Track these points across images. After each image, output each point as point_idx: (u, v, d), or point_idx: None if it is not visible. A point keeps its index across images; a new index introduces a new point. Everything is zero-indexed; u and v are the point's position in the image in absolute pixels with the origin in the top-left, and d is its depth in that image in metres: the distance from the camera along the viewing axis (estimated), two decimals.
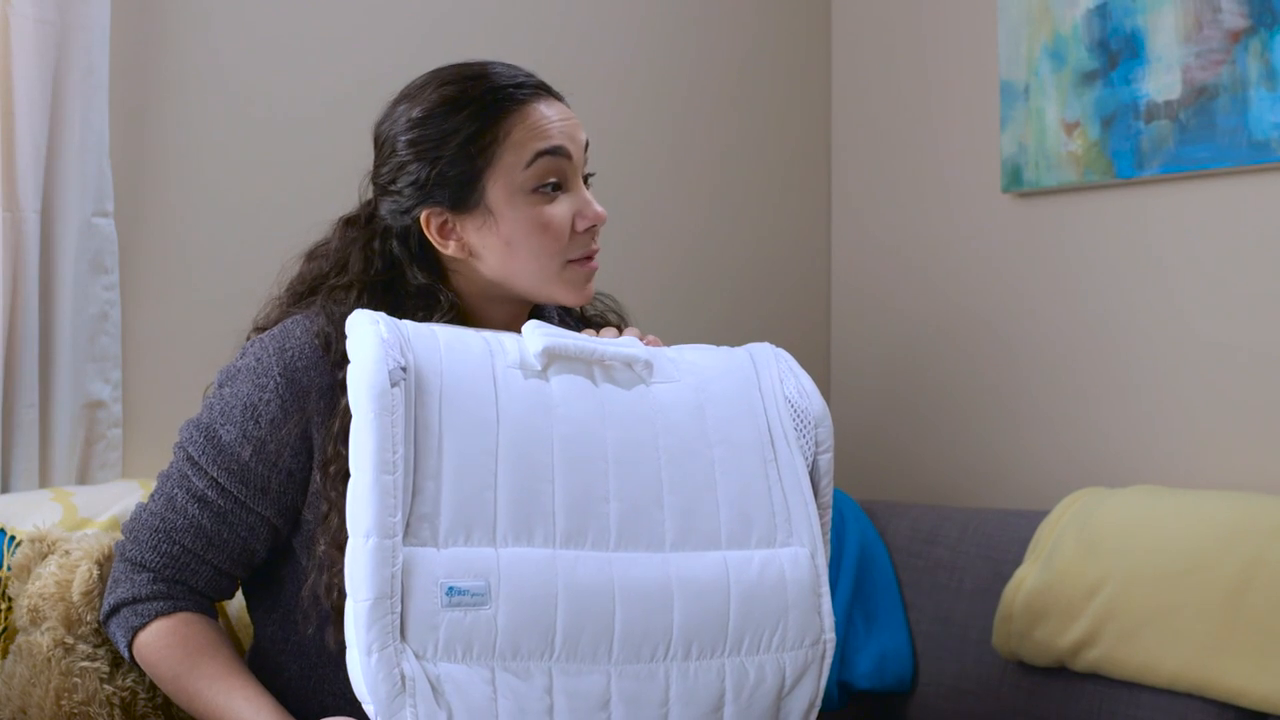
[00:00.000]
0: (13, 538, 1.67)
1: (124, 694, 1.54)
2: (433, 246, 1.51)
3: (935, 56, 2.58)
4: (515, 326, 1.54)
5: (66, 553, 1.58)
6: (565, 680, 1.27)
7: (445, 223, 1.50)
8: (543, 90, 1.54)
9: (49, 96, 1.82)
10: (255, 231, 2.06)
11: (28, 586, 1.58)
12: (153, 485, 1.81)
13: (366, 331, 1.30)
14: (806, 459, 1.45)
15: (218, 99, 2.04)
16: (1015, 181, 2.39)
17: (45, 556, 1.60)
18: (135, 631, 1.46)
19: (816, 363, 2.75)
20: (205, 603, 1.50)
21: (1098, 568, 1.88)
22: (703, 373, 1.46)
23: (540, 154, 1.48)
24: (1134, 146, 2.21)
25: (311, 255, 1.58)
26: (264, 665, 1.51)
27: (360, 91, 2.16)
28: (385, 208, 1.53)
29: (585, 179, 1.55)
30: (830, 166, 2.77)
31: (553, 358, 1.38)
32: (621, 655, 1.29)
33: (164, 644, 1.45)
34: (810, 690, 1.38)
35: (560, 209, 1.50)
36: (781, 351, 1.53)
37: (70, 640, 1.53)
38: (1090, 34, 2.27)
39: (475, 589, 1.25)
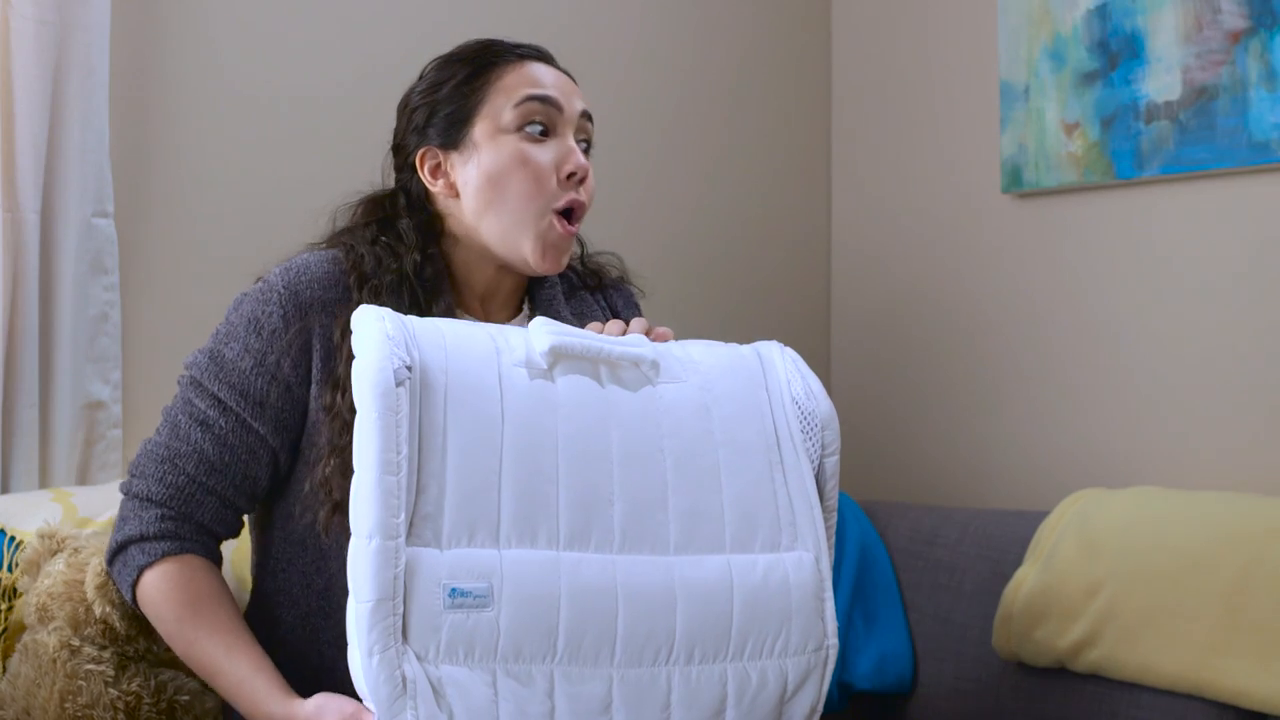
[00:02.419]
0: (12, 538, 1.67)
1: (129, 698, 1.53)
2: (431, 203, 1.57)
3: (935, 57, 2.58)
4: (498, 297, 1.59)
5: (76, 550, 1.58)
6: (567, 683, 1.26)
7: (438, 164, 1.56)
8: (545, 57, 1.60)
9: (49, 97, 1.82)
10: (255, 232, 2.06)
11: (37, 584, 1.58)
12: None
13: (371, 329, 1.29)
14: (812, 462, 1.44)
15: (217, 99, 2.04)
16: (1015, 182, 2.39)
17: (55, 553, 1.60)
18: (141, 571, 1.45)
19: (817, 363, 2.75)
20: (212, 543, 1.50)
21: (1098, 568, 1.88)
22: (709, 372, 1.44)
23: (529, 98, 1.54)
24: (1134, 147, 2.21)
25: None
26: (261, 618, 1.51)
27: (361, 91, 2.16)
28: (395, 164, 1.61)
29: (582, 147, 1.58)
30: (830, 167, 2.77)
31: (559, 356, 1.37)
32: (624, 659, 1.28)
33: (169, 587, 1.44)
34: (812, 696, 1.37)
35: (543, 152, 1.54)
36: (789, 350, 1.51)
37: (76, 642, 1.53)
38: (1090, 35, 2.27)
39: (478, 590, 1.24)
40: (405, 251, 1.53)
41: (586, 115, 1.59)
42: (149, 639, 1.57)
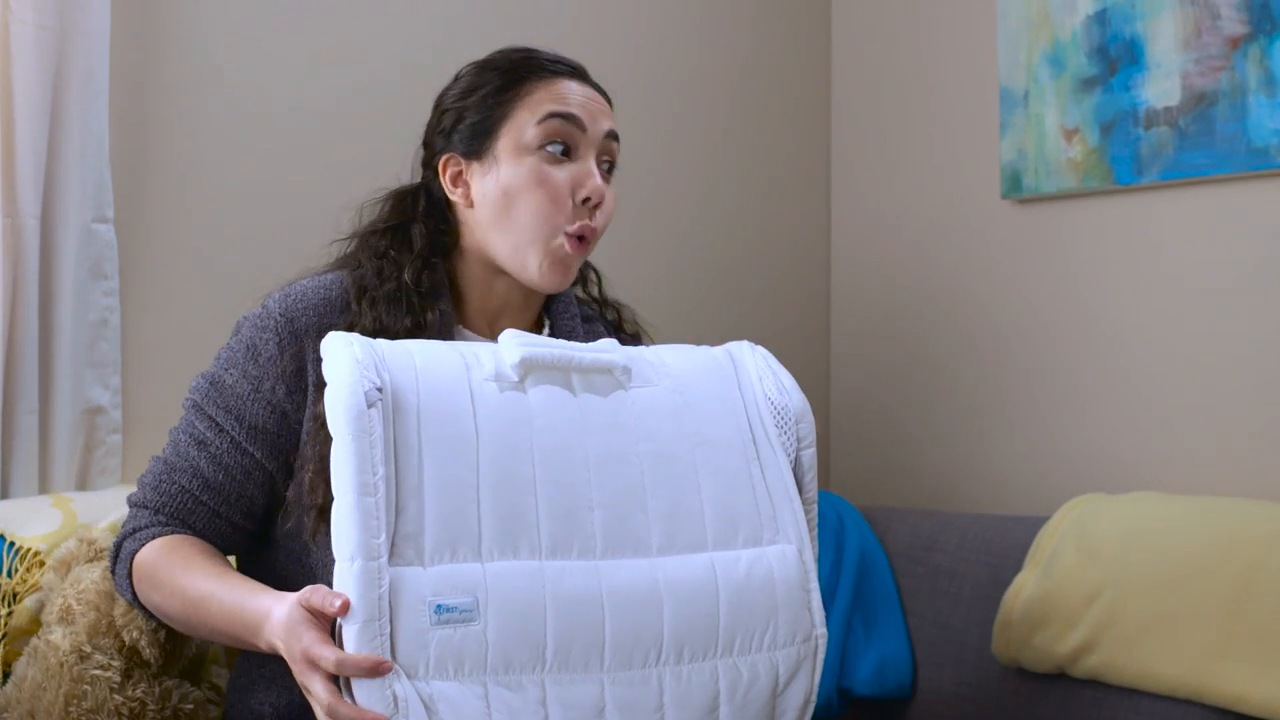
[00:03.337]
0: (12, 544, 1.67)
1: (133, 705, 1.54)
2: (449, 210, 1.59)
3: (935, 63, 2.58)
4: (507, 315, 1.60)
5: None
6: (559, 691, 1.26)
7: (459, 172, 1.57)
8: (578, 74, 1.60)
9: (49, 102, 1.82)
10: (255, 237, 2.06)
11: (64, 584, 1.59)
12: None
13: (341, 354, 1.30)
14: (789, 455, 1.45)
15: (217, 105, 2.04)
16: (1015, 188, 2.39)
17: (91, 560, 1.61)
18: (133, 556, 1.48)
19: (817, 370, 2.75)
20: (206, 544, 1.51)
21: (1097, 574, 1.88)
22: (681, 374, 1.45)
23: (552, 115, 1.53)
24: (1133, 153, 2.21)
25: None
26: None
27: (360, 97, 2.17)
28: (423, 159, 1.62)
29: (605, 168, 1.58)
30: (830, 173, 2.77)
31: (530, 368, 1.37)
32: (613, 663, 1.29)
33: (160, 550, 1.46)
34: (804, 687, 1.38)
35: (562, 173, 1.54)
36: (759, 348, 1.53)
37: (88, 649, 1.54)
38: (1090, 40, 2.27)
39: (463, 605, 1.24)
40: (408, 261, 1.54)
41: (612, 136, 1.58)
42: (165, 667, 1.58)
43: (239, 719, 1.56)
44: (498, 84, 1.56)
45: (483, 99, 1.56)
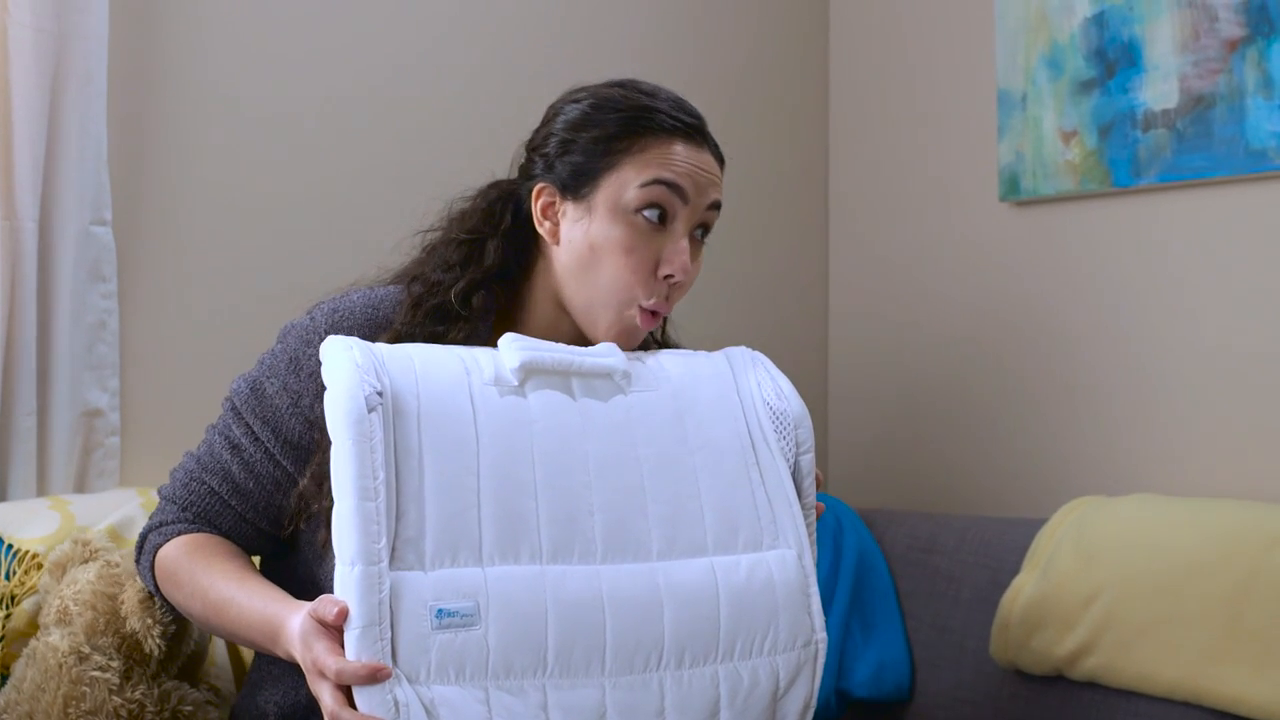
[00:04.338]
0: (10, 546, 1.67)
1: (131, 706, 1.54)
2: (532, 229, 1.55)
3: (933, 66, 2.58)
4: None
5: (110, 564, 1.59)
6: (560, 695, 1.26)
7: (552, 204, 1.53)
8: (696, 134, 1.53)
9: (47, 105, 1.82)
10: (253, 240, 2.06)
11: (60, 586, 1.59)
12: (150, 494, 1.84)
13: (341, 358, 1.30)
14: (788, 460, 1.45)
15: (215, 107, 2.04)
16: (1013, 190, 2.39)
17: (86, 561, 1.61)
18: (157, 550, 1.48)
19: (815, 372, 2.75)
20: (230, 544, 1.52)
21: (1095, 576, 1.88)
22: (681, 379, 1.46)
23: (657, 181, 1.48)
24: (1131, 155, 2.21)
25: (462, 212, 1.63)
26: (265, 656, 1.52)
27: (358, 99, 2.17)
28: (521, 165, 1.58)
29: (696, 237, 1.54)
30: (828, 176, 2.78)
31: (530, 372, 1.37)
32: (614, 667, 1.29)
33: (183, 547, 1.46)
34: (805, 691, 1.38)
35: (652, 243, 1.50)
36: (758, 354, 1.53)
37: (87, 650, 1.54)
38: (1088, 43, 2.27)
39: (464, 610, 1.24)
40: (467, 275, 1.52)
41: (714, 206, 1.54)
42: (164, 664, 1.58)
43: (245, 715, 1.56)
44: (612, 131, 1.49)
45: (592, 141, 1.50)
